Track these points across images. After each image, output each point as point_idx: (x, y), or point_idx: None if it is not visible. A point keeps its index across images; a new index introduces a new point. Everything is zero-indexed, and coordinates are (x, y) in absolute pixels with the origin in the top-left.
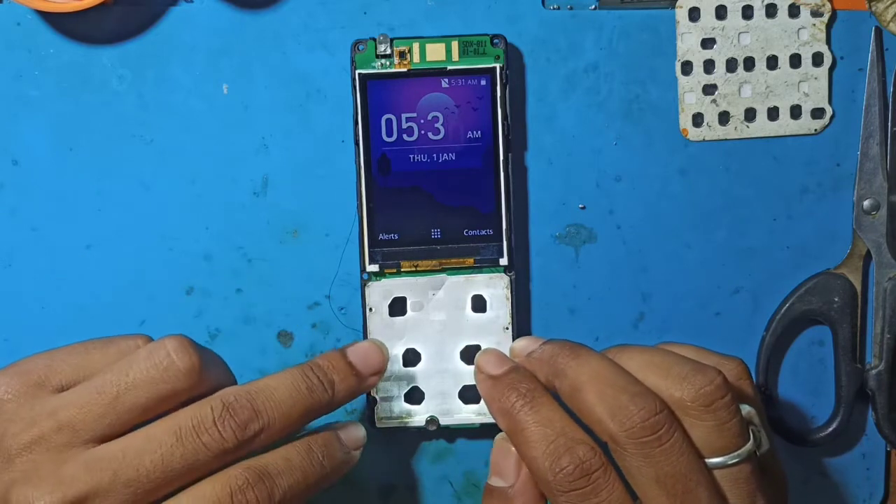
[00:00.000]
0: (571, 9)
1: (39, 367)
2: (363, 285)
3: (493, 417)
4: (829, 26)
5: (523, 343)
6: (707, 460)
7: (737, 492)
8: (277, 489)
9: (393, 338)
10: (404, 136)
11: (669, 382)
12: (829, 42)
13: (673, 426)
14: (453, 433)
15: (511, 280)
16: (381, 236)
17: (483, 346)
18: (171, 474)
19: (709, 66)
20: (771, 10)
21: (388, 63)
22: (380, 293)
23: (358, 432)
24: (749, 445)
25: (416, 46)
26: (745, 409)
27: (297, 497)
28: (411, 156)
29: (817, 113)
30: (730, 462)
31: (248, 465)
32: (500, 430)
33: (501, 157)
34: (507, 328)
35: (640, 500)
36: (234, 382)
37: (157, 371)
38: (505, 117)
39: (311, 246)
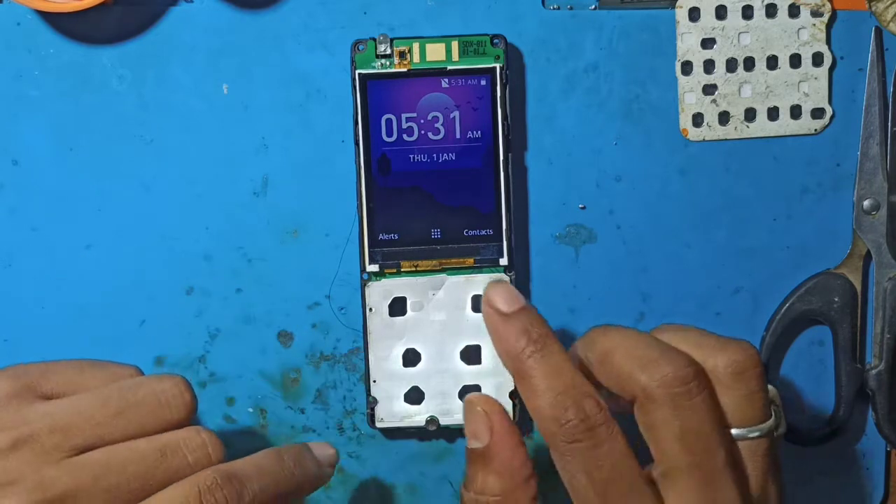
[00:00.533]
0: (571, 9)
1: (33, 372)
2: (363, 285)
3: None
4: (829, 26)
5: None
6: (731, 430)
7: (753, 465)
8: (247, 491)
9: (393, 338)
10: (404, 136)
11: (702, 352)
12: (829, 42)
13: (703, 383)
14: (453, 433)
15: (511, 280)
16: (381, 236)
17: (483, 346)
18: (151, 487)
19: (709, 66)
20: (771, 10)
21: (388, 63)
22: (380, 293)
23: (328, 450)
24: (771, 422)
25: (416, 46)
26: (770, 388)
27: (269, 501)
28: (411, 156)
29: (817, 113)
30: (751, 434)
31: (217, 468)
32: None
33: (501, 157)
34: None
35: (652, 465)
36: None
37: (166, 397)
38: (505, 117)
39: (311, 246)
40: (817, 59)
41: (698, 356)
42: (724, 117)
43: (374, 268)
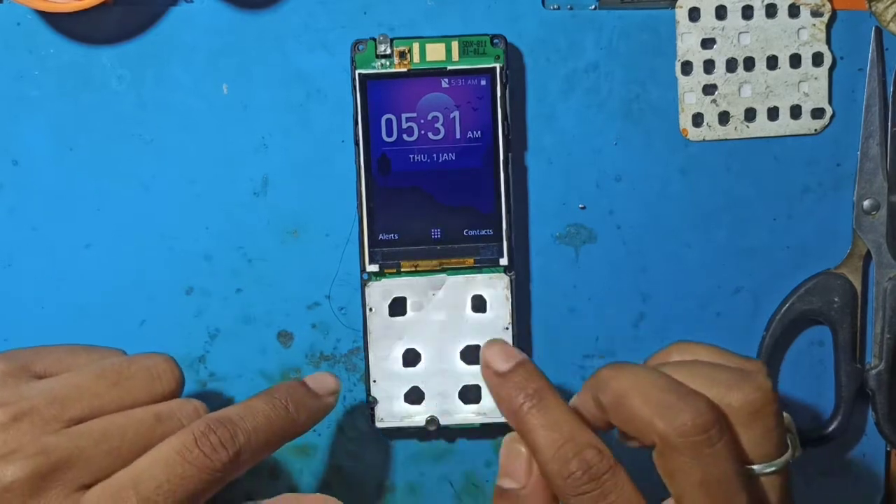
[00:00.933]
0: (571, 9)
1: (26, 354)
2: (363, 285)
3: (500, 413)
4: (829, 26)
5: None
6: (748, 467)
7: (771, 498)
8: (241, 432)
9: (393, 338)
10: (404, 136)
11: (716, 390)
12: (829, 42)
13: (722, 428)
14: (453, 433)
15: (511, 280)
16: (381, 236)
17: (482, 345)
18: (150, 447)
19: (709, 66)
20: (771, 10)
21: (388, 63)
22: (380, 293)
23: (327, 379)
24: (787, 455)
25: (416, 46)
26: (784, 416)
27: (263, 443)
28: (411, 156)
29: (817, 113)
30: (767, 471)
31: (208, 415)
32: (505, 430)
33: (501, 157)
34: (507, 328)
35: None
36: None
37: (157, 371)
38: (505, 117)
39: (311, 246)
40: (817, 59)
41: (713, 395)
42: (724, 117)
43: (374, 268)
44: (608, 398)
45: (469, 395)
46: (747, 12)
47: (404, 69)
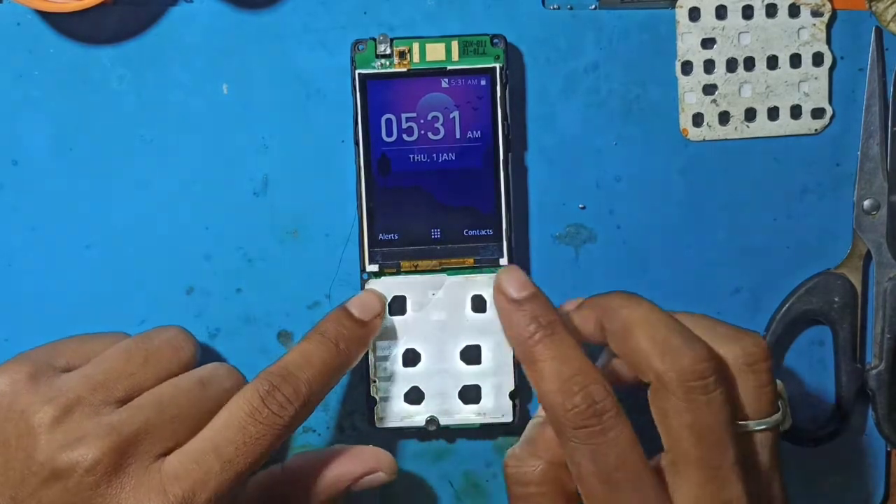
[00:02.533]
0: (571, 9)
1: (43, 352)
2: (363, 285)
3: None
4: (829, 26)
5: (571, 305)
6: (738, 422)
7: (760, 458)
8: (302, 384)
9: (393, 338)
10: (404, 136)
11: (716, 341)
12: (829, 42)
13: (720, 377)
14: (453, 433)
15: None
16: (381, 236)
17: (483, 346)
18: (204, 414)
19: (709, 66)
20: (771, 10)
21: (387, 63)
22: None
23: (371, 300)
24: (778, 416)
25: (416, 46)
26: (777, 382)
27: (323, 386)
28: (411, 156)
29: (817, 113)
30: (758, 427)
31: (269, 371)
32: (505, 430)
33: (501, 157)
34: None
35: (664, 453)
36: None
37: (178, 341)
38: (505, 117)
39: (311, 246)
40: (817, 59)
41: (713, 346)
42: (724, 117)
43: (374, 268)
44: (615, 326)
45: (469, 395)
46: (747, 12)
47: (404, 69)
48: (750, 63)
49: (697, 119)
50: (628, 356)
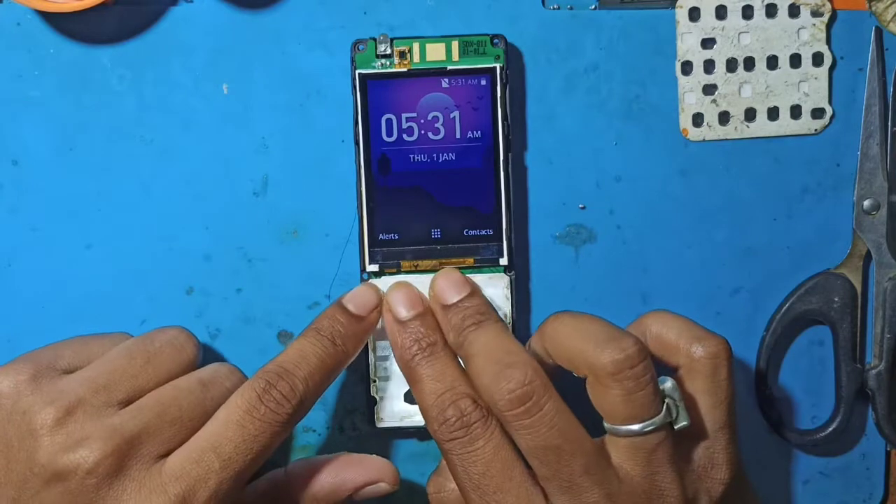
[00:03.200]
0: (571, 9)
1: (45, 354)
2: None
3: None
4: (829, 26)
5: (446, 286)
6: (607, 426)
7: (635, 460)
8: (299, 380)
9: None
10: (404, 136)
11: (589, 349)
12: (829, 42)
13: (543, 398)
14: None
15: (511, 280)
16: (381, 236)
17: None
18: (206, 415)
19: (709, 66)
20: (771, 10)
21: (388, 63)
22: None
23: (367, 294)
24: (658, 418)
25: (416, 46)
26: (667, 382)
27: (320, 383)
28: (411, 156)
29: (817, 113)
30: (623, 431)
31: (264, 369)
32: None
33: (501, 157)
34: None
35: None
36: None
37: (179, 342)
38: (505, 117)
39: (311, 246)
40: (817, 59)
41: (586, 353)
42: (724, 117)
43: (374, 267)
44: (462, 356)
45: None
46: (747, 12)
47: (404, 69)
48: (750, 63)
49: (697, 119)
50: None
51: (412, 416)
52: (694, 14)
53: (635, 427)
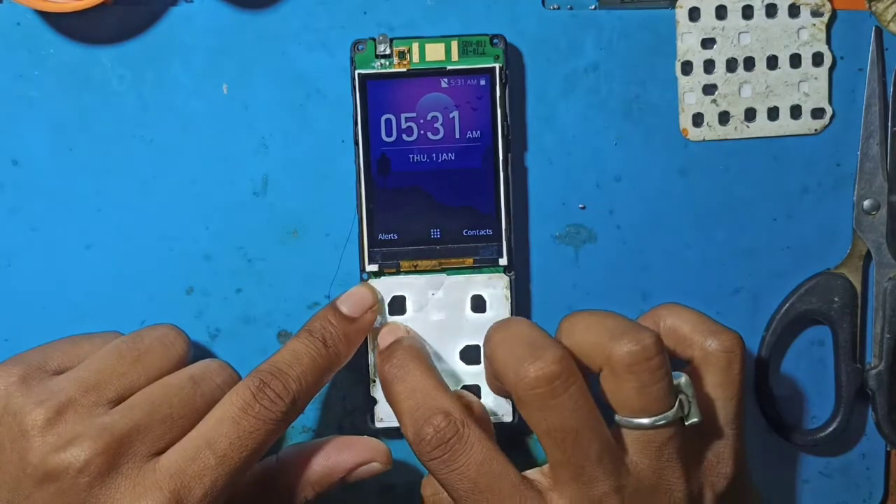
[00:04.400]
0: (571, 9)
1: (34, 355)
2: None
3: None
4: (829, 26)
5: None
6: (619, 418)
7: (645, 454)
8: (292, 379)
9: None
10: (404, 136)
11: (605, 341)
12: (829, 42)
13: (569, 380)
14: None
15: (511, 280)
16: (380, 236)
17: (482, 345)
18: (197, 412)
19: (709, 66)
20: (771, 10)
21: (387, 63)
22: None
23: (361, 295)
24: (670, 412)
25: (415, 46)
26: (681, 377)
27: (313, 383)
28: (411, 156)
29: (817, 113)
30: (635, 423)
31: (257, 369)
32: (504, 430)
33: (501, 157)
34: None
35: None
36: None
37: (169, 339)
38: (505, 117)
39: (311, 246)
40: (817, 59)
41: (603, 346)
42: (724, 117)
43: (373, 268)
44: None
45: None
46: (747, 12)
47: (404, 69)
48: (750, 63)
49: (697, 119)
50: (496, 375)
51: None
52: (694, 14)
53: (646, 420)
